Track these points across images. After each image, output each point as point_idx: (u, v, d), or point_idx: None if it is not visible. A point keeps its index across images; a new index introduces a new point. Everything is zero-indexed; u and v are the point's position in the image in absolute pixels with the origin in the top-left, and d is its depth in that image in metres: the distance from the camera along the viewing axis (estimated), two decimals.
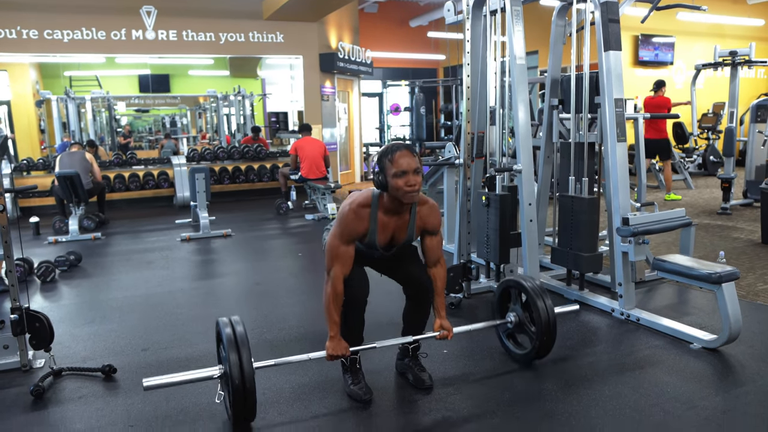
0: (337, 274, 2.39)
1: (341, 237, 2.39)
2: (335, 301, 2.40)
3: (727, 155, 6.65)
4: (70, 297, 4.35)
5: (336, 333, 2.42)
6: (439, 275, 2.61)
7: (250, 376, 2.18)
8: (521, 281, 2.89)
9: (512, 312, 2.93)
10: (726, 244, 5.29)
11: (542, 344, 2.77)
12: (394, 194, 2.33)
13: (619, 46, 3.49)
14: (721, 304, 2.93)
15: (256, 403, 2.23)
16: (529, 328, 2.84)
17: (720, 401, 2.51)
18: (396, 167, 2.28)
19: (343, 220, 2.39)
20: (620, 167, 3.48)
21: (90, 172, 6.81)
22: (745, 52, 6.39)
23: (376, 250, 2.50)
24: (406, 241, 2.53)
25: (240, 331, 2.26)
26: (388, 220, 2.43)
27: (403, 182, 2.28)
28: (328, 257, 2.41)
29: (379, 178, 2.34)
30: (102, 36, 8.37)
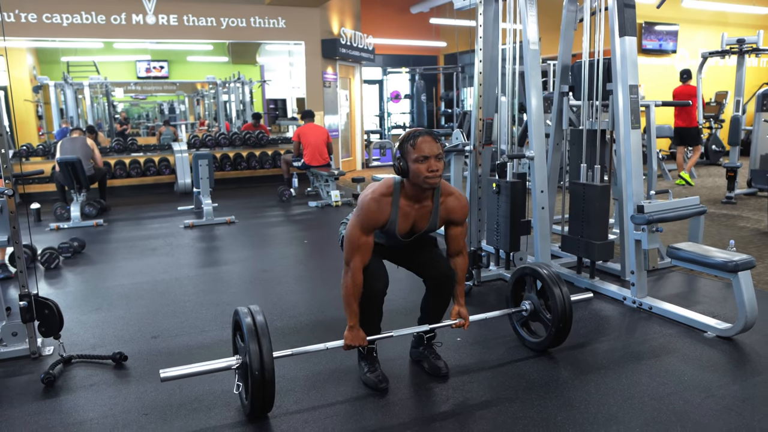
0: (356, 265, 2.35)
1: (361, 227, 2.34)
2: (355, 292, 2.36)
3: (733, 144, 6.63)
4: (76, 284, 4.31)
5: (355, 323, 2.40)
6: (461, 265, 2.59)
7: (270, 367, 2.15)
8: (537, 269, 2.86)
9: (527, 300, 2.90)
10: (733, 233, 5.28)
11: (558, 332, 2.75)
12: (415, 180, 2.29)
13: (635, 31, 3.44)
14: (737, 293, 2.92)
15: (274, 394, 2.20)
16: (545, 316, 2.81)
17: (738, 390, 2.50)
18: (417, 152, 2.24)
19: (363, 210, 2.34)
20: (634, 154, 3.45)
21: (91, 158, 6.74)
22: (753, 40, 6.34)
23: (395, 239, 2.46)
24: (428, 230, 2.48)
25: (260, 321, 2.23)
26: (410, 209, 2.39)
27: (425, 168, 2.24)
28: (348, 248, 2.36)
29: (400, 164, 2.30)
30: (102, 20, 8.25)
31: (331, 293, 3.98)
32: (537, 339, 2.89)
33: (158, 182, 8.69)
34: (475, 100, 3.83)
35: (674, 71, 11.30)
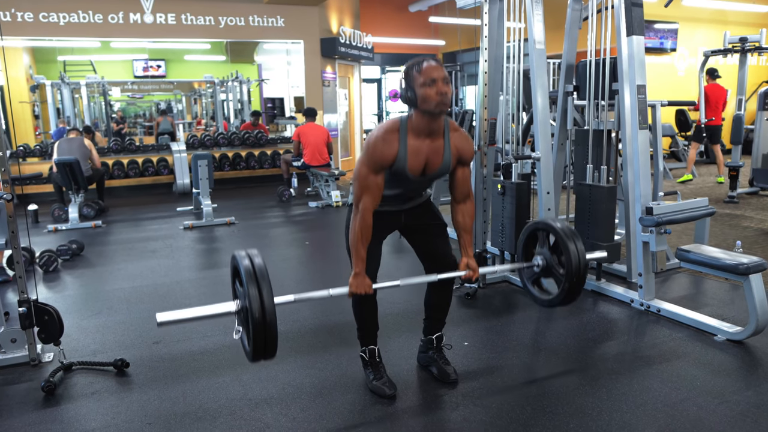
0: (366, 206, 2.27)
1: (369, 165, 2.25)
2: (363, 235, 2.28)
3: (735, 143, 6.60)
4: (75, 287, 4.25)
5: (361, 270, 2.29)
6: (469, 211, 2.48)
7: (271, 310, 2.02)
8: (551, 222, 2.68)
9: (539, 255, 2.72)
10: (737, 233, 5.25)
11: (572, 287, 2.57)
12: (424, 107, 2.19)
13: (642, 30, 3.40)
14: (748, 296, 2.88)
15: (276, 338, 2.07)
16: (557, 271, 2.65)
17: (752, 395, 2.46)
18: (425, 76, 2.16)
19: (370, 147, 2.26)
20: (642, 155, 3.41)
21: (89, 159, 6.68)
22: (756, 39, 6.30)
23: (406, 181, 2.34)
24: (441, 170, 2.36)
25: (259, 263, 2.09)
26: (420, 144, 2.28)
27: (434, 91, 2.15)
28: (357, 187, 2.28)
29: (407, 94, 2.21)
30: (99, 19, 8.17)
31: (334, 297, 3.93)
32: (548, 296, 2.73)
33: (157, 182, 8.62)
34: (480, 100, 3.78)
35: (674, 69, 11.30)
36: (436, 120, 2.25)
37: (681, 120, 9.85)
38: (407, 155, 2.27)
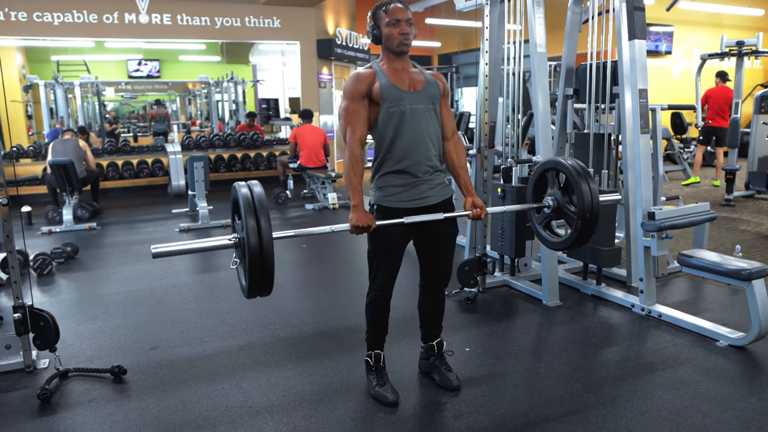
0: (352, 137, 2.29)
1: (348, 97, 2.31)
2: (355, 166, 2.27)
3: (732, 146, 6.61)
4: (70, 291, 4.19)
5: (359, 202, 2.26)
6: (460, 146, 2.50)
7: (269, 243, 1.96)
8: (561, 160, 2.61)
9: (550, 196, 2.66)
10: (735, 237, 5.25)
11: (585, 225, 2.49)
12: (388, 45, 2.31)
13: (644, 34, 3.39)
14: (751, 302, 2.86)
15: (273, 273, 2.02)
16: (570, 210, 2.57)
17: (756, 402, 2.45)
18: (390, 16, 2.28)
19: (347, 87, 2.32)
20: (643, 159, 3.39)
21: (84, 160, 6.61)
22: (752, 42, 6.32)
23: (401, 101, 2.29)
24: (430, 87, 2.35)
25: (258, 192, 2.04)
26: (398, 68, 2.34)
27: (397, 31, 2.28)
28: (342, 122, 2.34)
29: (374, 32, 2.34)
30: (94, 19, 8.10)
31: (333, 301, 3.91)
32: (559, 239, 2.69)
33: (151, 184, 8.56)
34: (480, 103, 3.76)
35: (669, 72, 11.32)
36: (401, 59, 2.34)
37: (676, 123, 9.88)
38: (385, 73, 2.32)
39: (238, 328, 3.36)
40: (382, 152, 2.35)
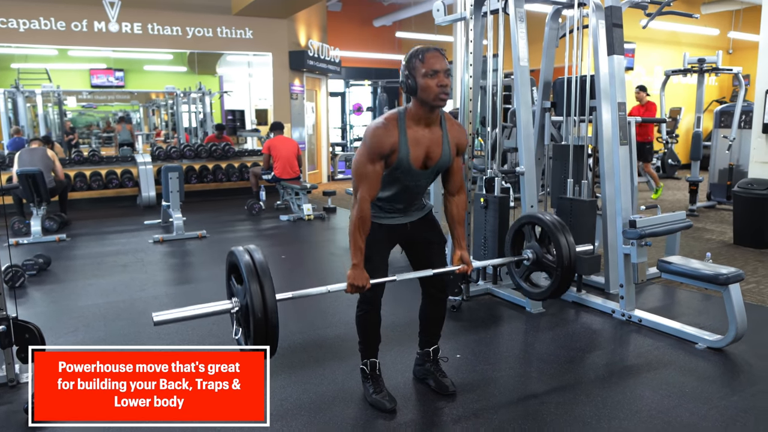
0: (364, 196, 2.24)
1: (368, 155, 2.22)
2: (362, 226, 2.25)
3: (695, 159, 6.90)
4: (45, 304, 4.07)
5: (360, 261, 2.25)
6: (463, 203, 2.50)
7: (273, 308, 1.99)
8: (539, 215, 2.76)
9: (529, 249, 2.78)
10: (701, 245, 5.47)
11: (564, 276, 2.64)
12: (424, 97, 2.17)
13: (623, 50, 3.53)
14: (728, 305, 3.00)
15: (278, 337, 2.05)
16: (549, 261, 2.70)
17: (739, 400, 2.56)
18: (427, 67, 2.14)
19: (369, 137, 2.22)
20: (623, 170, 3.52)
21: (52, 170, 6.44)
22: (713, 60, 6.65)
23: (410, 175, 2.31)
24: (443, 161, 2.34)
25: (260, 259, 2.07)
26: (420, 134, 2.26)
27: (435, 82, 2.14)
28: (356, 177, 2.26)
29: (408, 82, 2.19)
30: (62, 27, 7.93)
31: (318, 310, 3.90)
32: (540, 289, 2.81)
33: (120, 195, 8.37)
34: (465, 114, 3.84)
35: (631, 87, 11.72)
36: (434, 111, 2.25)
37: None
38: (408, 144, 2.25)
39: (226, 339, 3.31)
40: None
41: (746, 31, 11.35)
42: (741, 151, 6.90)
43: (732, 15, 11.58)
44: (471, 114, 3.83)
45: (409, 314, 3.05)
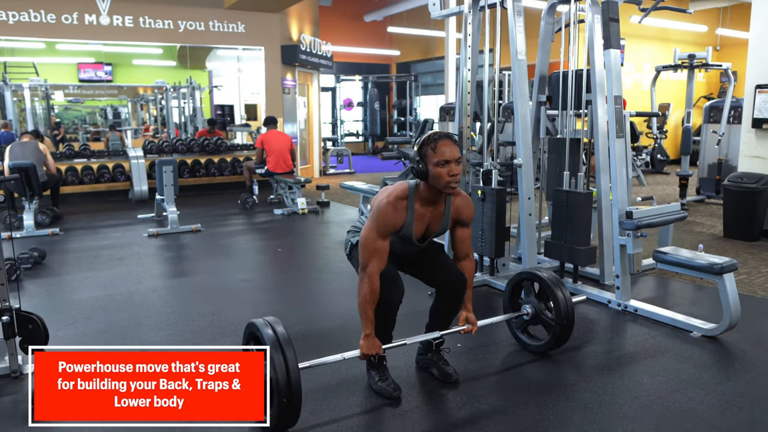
0: (374, 270, 2.32)
1: (378, 231, 2.32)
2: (372, 299, 2.33)
3: (684, 154, 6.99)
4: (42, 296, 4.05)
5: (371, 331, 2.36)
6: (470, 269, 2.60)
7: (297, 379, 2.09)
8: (536, 272, 2.91)
9: (527, 304, 2.93)
10: (692, 238, 5.56)
11: (563, 331, 2.77)
12: (434, 184, 2.30)
13: (619, 44, 3.58)
14: (722, 294, 3.06)
15: (301, 407, 2.13)
16: (547, 317, 2.83)
17: (734, 386, 2.63)
18: (438, 156, 2.25)
19: (380, 214, 2.33)
20: (619, 162, 3.58)
21: (44, 164, 6.39)
22: (703, 56, 6.74)
23: (409, 244, 2.45)
24: (439, 232, 2.49)
25: (282, 332, 2.17)
26: (425, 211, 2.40)
27: (446, 171, 2.25)
28: (365, 253, 2.33)
29: (420, 167, 2.29)
30: (52, 19, 7.84)
31: (318, 302, 3.93)
32: (539, 342, 2.94)
33: (112, 189, 8.31)
34: (463, 108, 3.88)
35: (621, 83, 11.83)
36: (442, 195, 2.38)
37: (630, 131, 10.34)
38: (413, 220, 2.37)
39: (227, 330, 3.34)
40: None
41: (734, 27, 11.49)
42: (730, 146, 7.01)
43: (720, 12, 11.72)
44: (469, 107, 3.87)
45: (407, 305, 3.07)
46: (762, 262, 4.67)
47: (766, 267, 4.55)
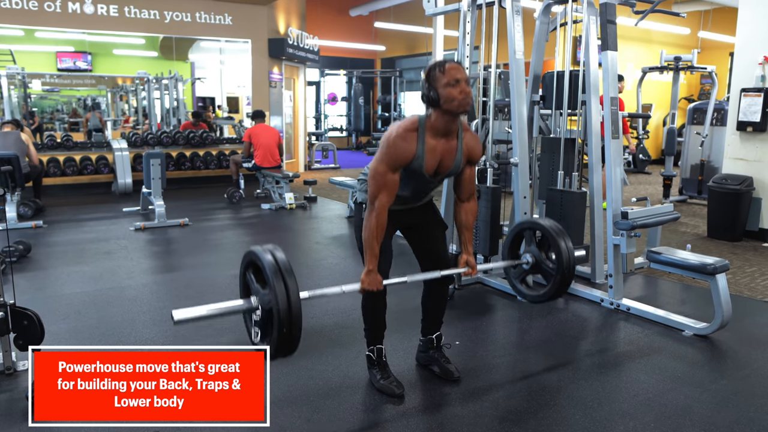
0: (383, 203, 2.28)
1: (387, 163, 2.27)
2: (378, 233, 2.29)
3: (668, 154, 7.11)
4: (31, 291, 3.97)
5: (374, 266, 2.30)
6: (473, 210, 2.55)
7: (298, 307, 2.02)
8: (538, 221, 2.84)
9: (528, 253, 2.85)
10: (677, 238, 5.66)
11: (563, 280, 2.71)
12: (447, 107, 2.23)
13: (616, 46, 3.62)
14: (714, 293, 3.12)
15: (300, 335, 2.08)
16: (547, 266, 2.77)
17: (728, 384, 2.69)
18: (448, 77, 2.22)
19: (389, 145, 2.27)
20: (614, 163, 3.62)
21: (26, 155, 6.25)
22: (688, 58, 6.85)
23: (421, 179, 2.38)
24: (453, 170, 2.42)
25: (282, 258, 2.07)
26: (436, 144, 2.33)
27: (457, 91, 2.21)
28: (374, 185, 2.29)
29: (430, 94, 2.25)
30: (34, 6, 7.66)
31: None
32: (537, 292, 2.88)
33: (94, 182, 8.17)
34: None
35: None
36: (455, 120, 2.31)
37: None
38: (425, 153, 2.30)
39: (224, 327, 3.30)
40: None
41: (715, 31, 11.70)
42: (713, 148, 7.14)
43: (701, 15, 11.91)
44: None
45: (407, 302, 3.11)
46: (746, 262, 4.78)
47: (750, 267, 4.66)
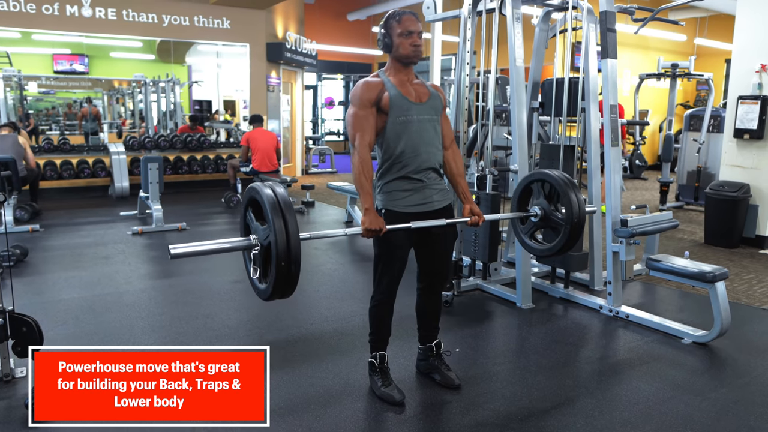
0: (362, 143, 2.35)
1: (357, 104, 2.37)
2: (364, 170, 2.33)
3: (665, 161, 7.14)
4: (28, 296, 3.94)
5: (371, 206, 2.32)
6: (458, 154, 2.60)
7: (298, 245, 1.97)
8: (548, 172, 2.77)
9: (536, 206, 2.79)
10: (674, 245, 5.67)
11: (573, 231, 2.65)
12: (397, 54, 2.38)
13: (616, 54, 3.64)
14: (714, 301, 3.13)
15: (299, 274, 2.03)
16: (557, 218, 2.71)
17: (728, 392, 2.69)
18: (402, 27, 2.36)
19: (355, 93, 2.39)
20: (614, 170, 3.63)
21: (23, 158, 6.22)
22: (685, 65, 6.89)
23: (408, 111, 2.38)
24: (434, 100, 2.47)
25: (282, 194, 2.03)
26: (403, 78, 2.43)
27: (409, 42, 2.36)
28: (349, 127, 2.39)
29: (385, 40, 2.40)
30: (32, 9, 7.63)
31: (311, 304, 3.90)
32: (545, 245, 2.82)
33: (91, 185, 8.14)
34: (461, 111, 3.90)
35: None
36: (408, 68, 2.44)
37: None
38: (394, 85, 2.39)
39: (223, 333, 3.30)
40: (389, 159, 2.43)
41: (711, 38, 11.76)
42: (709, 154, 7.17)
43: (697, 22, 11.98)
44: (467, 112, 3.89)
45: (406, 310, 3.12)
46: (743, 270, 4.80)
47: (747, 274, 4.67)
